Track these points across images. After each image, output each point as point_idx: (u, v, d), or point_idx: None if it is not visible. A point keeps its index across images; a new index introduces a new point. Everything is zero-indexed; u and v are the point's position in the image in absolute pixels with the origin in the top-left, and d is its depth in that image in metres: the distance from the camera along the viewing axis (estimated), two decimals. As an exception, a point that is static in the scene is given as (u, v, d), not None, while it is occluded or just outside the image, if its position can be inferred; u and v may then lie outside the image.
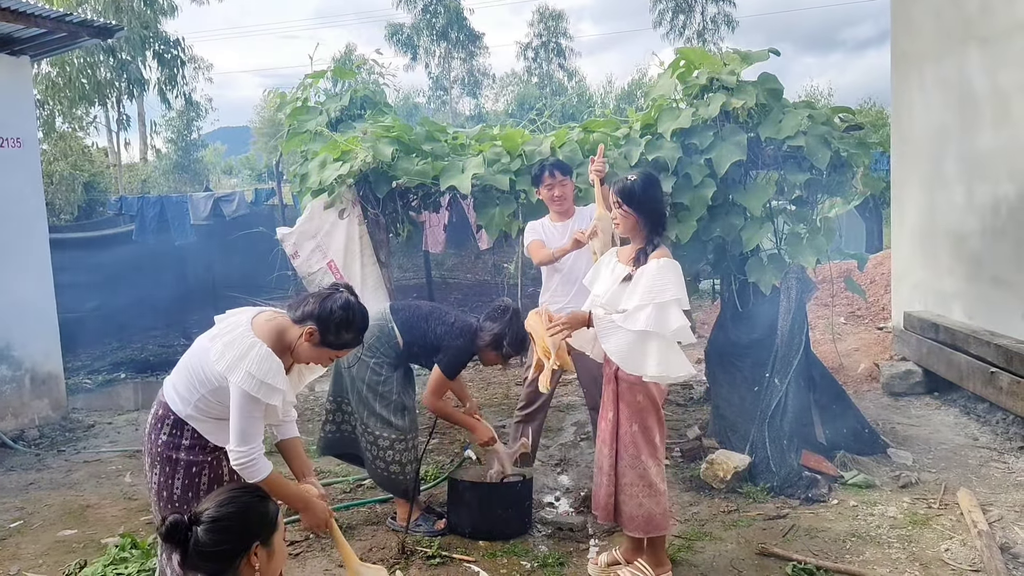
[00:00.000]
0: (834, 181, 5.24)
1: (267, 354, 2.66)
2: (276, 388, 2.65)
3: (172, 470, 2.82)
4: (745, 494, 4.72)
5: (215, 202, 10.97)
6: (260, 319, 2.79)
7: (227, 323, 2.81)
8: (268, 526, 2.32)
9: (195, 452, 2.82)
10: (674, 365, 3.42)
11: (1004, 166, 6.01)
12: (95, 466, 5.93)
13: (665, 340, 3.40)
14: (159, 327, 12.01)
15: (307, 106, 6.54)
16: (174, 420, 2.81)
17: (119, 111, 24.93)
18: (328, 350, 2.80)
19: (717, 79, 5.12)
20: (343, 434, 4.52)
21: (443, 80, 39.84)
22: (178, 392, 2.81)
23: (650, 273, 3.41)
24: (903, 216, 7.81)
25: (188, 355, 2.85)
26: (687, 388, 7.47)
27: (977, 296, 6.45)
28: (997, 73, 6.08)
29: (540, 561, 3.96)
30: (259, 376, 2.61)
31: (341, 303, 2.75)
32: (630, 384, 3.53)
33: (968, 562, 3.79)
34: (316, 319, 2.72)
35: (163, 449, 2.83)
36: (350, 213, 5.67)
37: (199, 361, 2.76)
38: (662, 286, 3.36)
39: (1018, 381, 5.40)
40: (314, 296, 2.81)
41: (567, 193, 4.77)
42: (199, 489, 2.82)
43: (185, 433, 2.81)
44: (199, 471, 2.82)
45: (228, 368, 2.64)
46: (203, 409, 2.77)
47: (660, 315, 3.35)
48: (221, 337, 2.74)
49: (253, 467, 2.65)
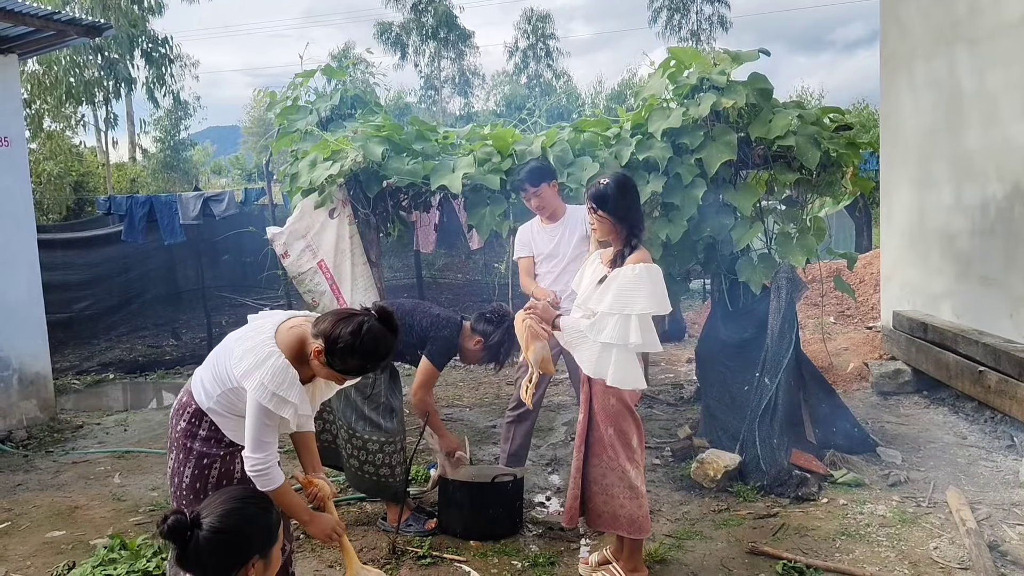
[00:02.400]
0: (824, 181, 5.26)
1: (283, 366, 2.63)
2: (288, 401, 2.62)
3: (185, 458, 2.82)
4: (735, 493, 4.73)
5: (204, 202, 10.88)
6: (285, 326, 2.76)
7: (255, 326, 2.80)
8: (269, 540, 2.32)
9: (210, 444, 2.81)
10: (629, 377, 3.45)
11: (992, 166, 6.04)
12: (83, 467, 5.90)
13: (626, 351, 3.41)
14: (148, 327, 11.96)
15: (297, 105, 6.52)
16: (195, 410, 2.81)
17: (107, 110, 24.85)
18: (334, 372, 2.71)
19: (707, 79, 5.13)
20: (322, 444, 4.42)
21: (433, 79, 39.82)
22: (204, 385, 2.80)
23: (622, 280, 3.41)
24: (892, 216, 7.84)
25: (216, 351, 2.84)
26: (678, 388, 7.49)
27: (966, 296, 6.49)
28: (985, 73, 6.11)
29: (531, 561, 3.96)
30: (272, 387, 2.59)
31: (352, 328, 2.62)
32: (603, 388, 3.54)
33: (957, 560, 3.81)
34: (325, 339, 2.63)
35: (180, 436, 2.83)
36: (340, 213, 5.66)
37: (224, 359, 2.75)
38: (631, 297, 3.36)
39: (1006, 380, 5.43)
40: (334, 314, 2.71)
41: (545, 201, 4.76)
42: (208, 482, 2.81)
43: (203, 424, 2.81)
44: (210, 463, 2.81)
45: (244, 374, 2.63)
46: (224, 404, 2.77)
47: (624, 328, 3.37)
48: (244, 340, 2.72)
49: (267, 476, 2.63)
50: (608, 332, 3.38)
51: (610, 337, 3.38)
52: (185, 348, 11.00)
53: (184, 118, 30.00)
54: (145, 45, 24.52)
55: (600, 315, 3.42)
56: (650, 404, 6.88)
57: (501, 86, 40.65)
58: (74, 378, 9.44)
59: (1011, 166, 5.80)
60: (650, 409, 6.74)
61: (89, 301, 11.34)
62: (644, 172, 5.15)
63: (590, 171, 5.13)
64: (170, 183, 26.80)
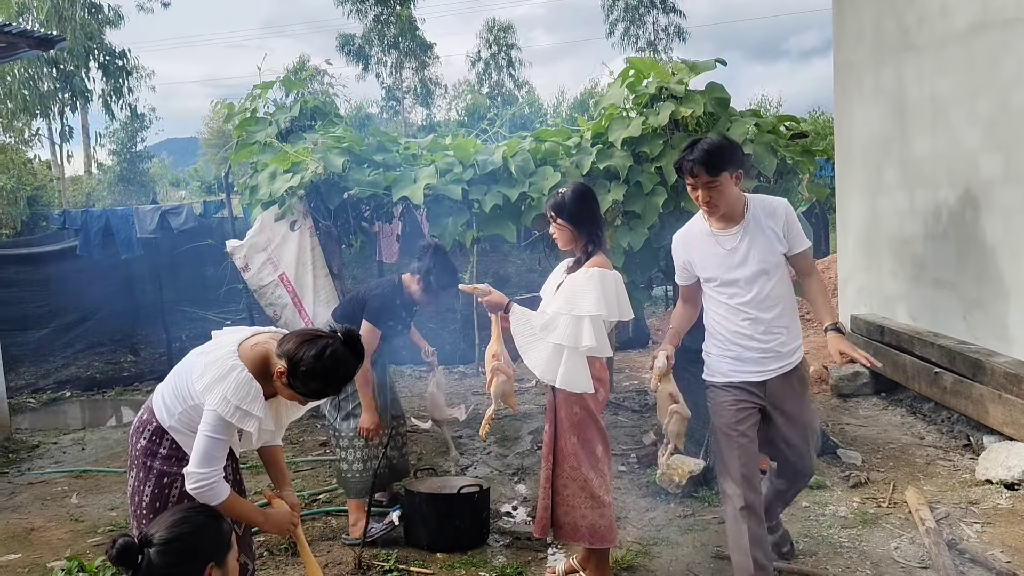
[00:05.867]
0: (781, 188, 5.35)
1: (247, 379, 2.59)
2: (251, 414, 2.58)
3: (145, 476, 2.77)
4: (700, 498, 4.77)
5: (162, 215, 10.71)
6: (249, 342, 2.72)
7: (218, 341, 2.76)
8: (223, 546, 2.28)
9: (170, 463, 2.75)
10: (579, 380, 3.46)
11: (943, 172, 6.18)
12: (40, 488, 5.76)
13: (576, 353, 3.43)
14: (106, 343, 11.71)
15: (256, 117, 6.47)
16: (156, 428, 2.75)
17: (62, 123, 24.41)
18: (296, 394, 2.67)
19: (666, 88, 5.19)
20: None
21: (395, 90, 39.74)
22: (165, 401, 2.75)
23: (575, 282, 3.47)
24: (847, 221, 7.99)
25: (178, 367, 2.79)
26: (642, 394, 7.53)
27: (920, 299, 6.62)
28: (935, 81, 6.26)
29: (498, 572, 3.95)
30: (235, 401, 2.55)
31: (316, 351, 2.58)
32: (566, 396, 3.55)
33: (917, 559, 3.88)
34: (288, 360, 2.59)
35: (140, 454, 2.78)
36: (301, 225, 5.62)
37: (185, 375, 2.70)
38: (582, 298, 3.40)
39: (961, 380, 5.55)
40: (299, 335, 2.67)
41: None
42: (168, 501, 2.76)
43: (164, 442, 2.75)
44: (171, 483, 2.75)
45: (205, 388, 2.58)
46: (185, 422, 2.71)
47: (576, 330, 3.39)
48: (207, 355, 2.69)
49: (212, 491, 2.57)
50: (559, 333, 3.40)
51: (561, 338, 3.40)
52: (144, 364, 10.81)
53: (141, 130, 29.58)
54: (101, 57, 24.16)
55: (552, 314, 3.45)
56: (615, 411, 6.91)
57: (463, 96, 40.71)
58: (30, 396, 9.22)
59: (961, 172, 5.94)
60: (615, 416, 6.77)
61: (44, 318, 11.10)
62: (605, 181, 5.19)
63: (552, 180, 5.15)
64: (127, 196, 26.39)
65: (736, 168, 3.29)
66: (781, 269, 3.37)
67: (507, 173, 5.31)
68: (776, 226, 3.32)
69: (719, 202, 3.28)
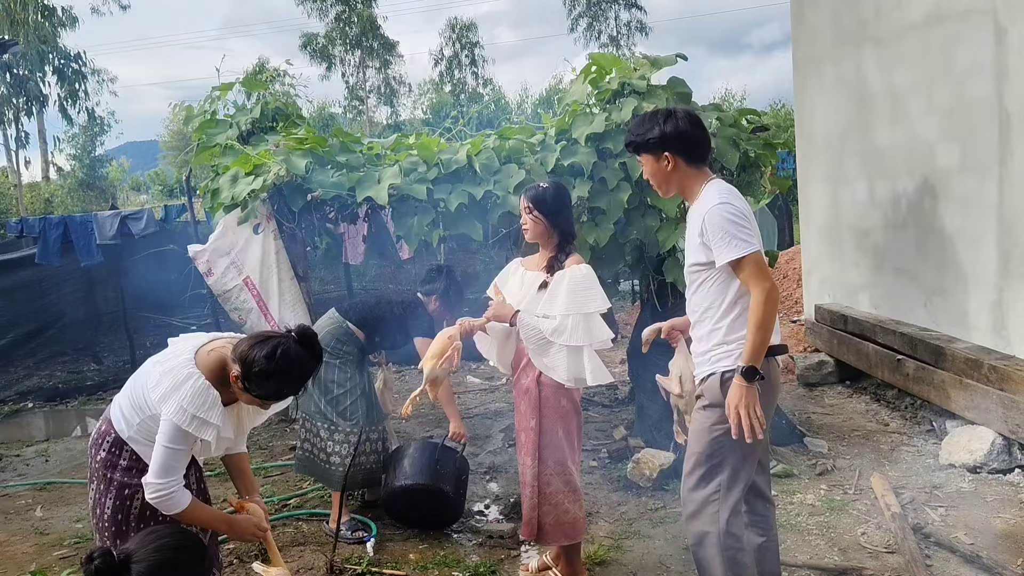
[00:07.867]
0: (744, 181, 5.39)
1: (203, 387, 2.55)
2: (209, 423, 2.54)
3: (106, 489, 2.73)
4: (671, 491, 4.79)
5: (122, 220, 10.53)
6: (205, 349, 2.68)
7: (174, 349, 2.72)
8: (208, 563, 2.26)
9: (131, 475, 2.71)
10: (604, 372, 3.50)
11: (902, 162, 6.28)
12: (3, 501, 5.64)
13: (590, 348, 3.47)
14: (68, 352, 11.50)
15: (216, 119, 6.39)
16: (115, 439, 2.71)
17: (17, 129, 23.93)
18: (254, 398, 2.62)
19: (628, 84, 5.21)
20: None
21: (358, 90, 39.48)
22: (123, 412, 2.71)
23: (574, 281, 3.46)
24: (809, 213, 8.09)
25: (135, 376, 2.75)
26: (612, 389, 7.55)
27: (882, 287, 6.72)
28: (892, 73, 6.35)
29: (472, 571, 3.94)
30: (191, 410, 2.51)
31: (267, 352, 2.52)
32: (554, 390, 3.56)
33: (883, 544, 3.94)
34: (241, 363, 2.54)
35: (100, 466, 2.74)
36: (265, 228, 5.56)
37: (142, 385, 2.66)
38: (587, 296, 3.44)
39: (923, 367, 5.65)
40: (252, 337, 2.63)
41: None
42: (130, 513, 2.72)
43: (124, 453, 2.71)
44: (131, 495, 2.71)
45: (161, 398, 2.54)
46: (144, 433, 2.67)
47: (587, 327, 3.43)
48: (162, 363, 2.64)
49: (171, 500, 2.54)
50: (570, 334, 3.41)
51: (579, 339, 3.41)
52: (107, 372, 10.62)
53: (100, 134, 29.10)
54: (57, 61, 23.70)
55: (560, 317, 3.43)
56: (586, 406, 6.91)
57: (427, 94, 40.56)
58: (-10, 409, 9.03)
59: (919, 162, 6.04)
60: (586, 411, 6.76)
61: (3, 328, 10.86)
62: (570, 177, 5.20)
63: (516, 178, 5.15)
64: (87, 201, 25.93)
65: (660, 149, 2.97)
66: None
67: (472, 172, 5.30)
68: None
69: (652, 182, 3.11)
